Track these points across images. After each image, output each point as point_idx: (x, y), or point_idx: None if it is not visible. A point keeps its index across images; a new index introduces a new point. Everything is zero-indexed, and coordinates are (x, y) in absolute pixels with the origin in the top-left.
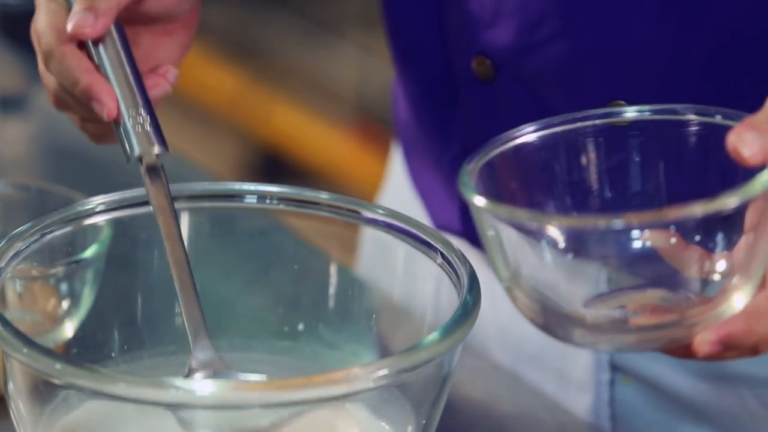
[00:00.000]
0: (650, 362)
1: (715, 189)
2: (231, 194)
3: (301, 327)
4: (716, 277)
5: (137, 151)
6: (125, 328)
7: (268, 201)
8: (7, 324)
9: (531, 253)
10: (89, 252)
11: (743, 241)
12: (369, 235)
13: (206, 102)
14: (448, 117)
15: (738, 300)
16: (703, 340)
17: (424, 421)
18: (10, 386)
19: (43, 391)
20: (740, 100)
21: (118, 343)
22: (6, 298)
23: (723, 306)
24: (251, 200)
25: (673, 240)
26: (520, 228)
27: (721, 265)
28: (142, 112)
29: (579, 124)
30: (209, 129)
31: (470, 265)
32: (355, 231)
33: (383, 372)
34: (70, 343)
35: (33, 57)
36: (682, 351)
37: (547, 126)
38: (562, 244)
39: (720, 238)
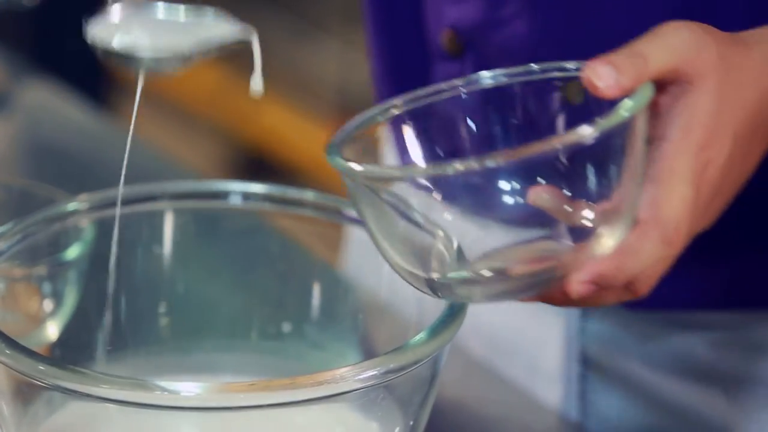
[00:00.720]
0: (622, 357)
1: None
2: (215, 193)
3: (286, 327)
4: (589, 221)
5: None
6: (109, 328)
7: (252, 200)
8: None
9: (407, 214)
10: (72, 252)
11: (611, 181)
12: (354, 234)
13: (187, 99)
14: None
15: (609, 241)
16: (575, 281)
17: (411, 422)
18: None
19: (27, 392)
20: None
21: (102, 343)
22: None
23: (595, 248)
24: (236, 199)
25: (545, 196)
26: (409, 183)
27: (592, 209)
28: None
29: (445, 95)
30: (191, 126)
31: None
32: (341, 230)
33: (370, 373)
34: (53, 344)
35: (15, 55)
36: (560, 298)
37: (413, 99)
38: (437, 197)
39: (590, 182)
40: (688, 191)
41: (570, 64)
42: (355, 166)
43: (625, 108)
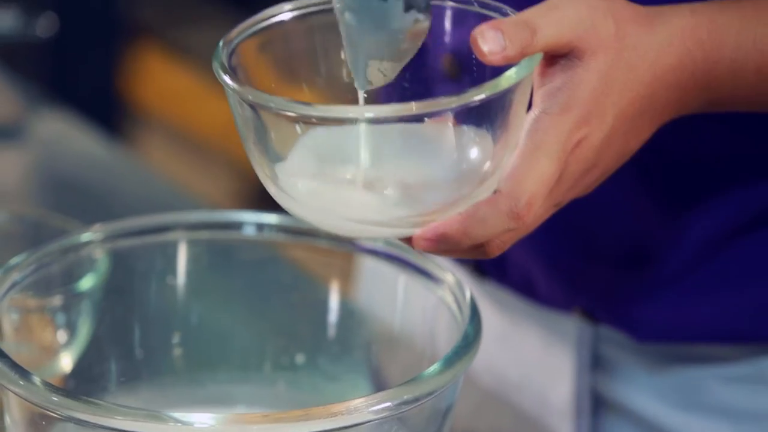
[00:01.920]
0: (633, 391)
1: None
2: (229, 224)
3: (299, 358)
4: (461, 174)
5: None
6: (123, 359)
7: (266, 231)
8: (4, 356)
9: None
10: (86, 283)
11: (490, 144)
12: (368, 266)
13: (202, 130)
14: None
15: (470, 201)
16: (421, 237)
17: None
18: (7, 419)
19: (41, 423)
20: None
21: (116, 374)
22: (2, 329)
23: (462, 203)
24: (250, 230)
25: (425, 140)
26: (276, 114)
27: (466, 161)
28: None
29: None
30: (206, 158)
31: (471, 295)
32: (354, 261)
33: (384, 405)
34: (67, 375)
35: (29, 86)
36: (405, 240)
37: (305, 5)
38: (317, 131)
39: (471, 136)
40: (549, 167)
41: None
42: (230, 82)
43: (508, 76)
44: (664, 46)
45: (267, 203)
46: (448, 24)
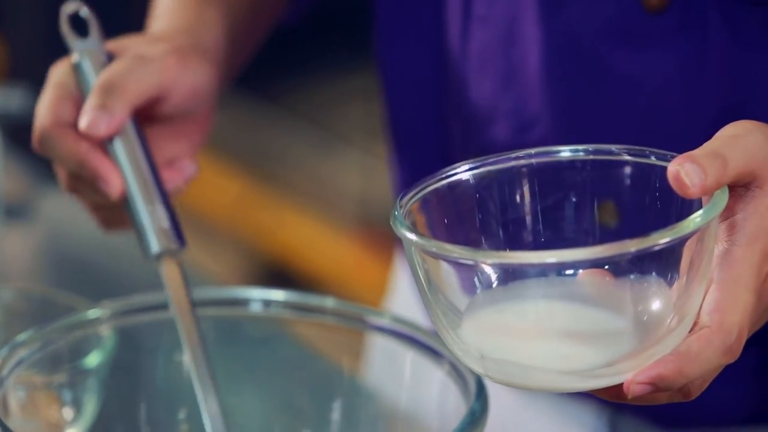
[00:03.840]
0: None
1: (649, 229)
2: (236, 300)
3: None
4: (648, 318)
5: (155, 248)
6: None
7: (273, 307)
8: None
9: (464, 291)
10: (93, 360)
11: (677, 283)
12: (375, 342)
13: (209, 209)
14: None
15: (670, 342)
16: (634, 381)
17: None
18: None
19: None
20: None
21: None
22: (8, 406)
23: (655, 347)
24: (256, 306)
25: (600, 276)
26: (454, 264)
27: (655, 306)
28: (159, 208)
29: (513, 163)
30: (212, 237)
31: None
32: (361, 338)
33: None
34: None
35: (37, 165)
36: (613, 393)
37: (482, 164)
38: (494, 282)
39: (655, 279)
40: (751, 300)
41: (645, 150)
42: (409, 235)
43: (698, 216)
44: None
45: (274, 280)
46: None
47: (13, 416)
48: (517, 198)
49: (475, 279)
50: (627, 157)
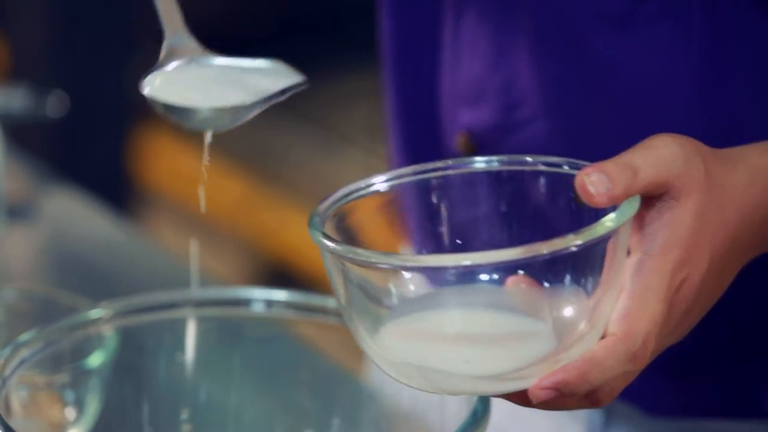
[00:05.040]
0: None
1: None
2: (238, 300)
3: None
4: (562, 324)
5: None
6: None
7: (275, 307)
8: None
9: (379, 298)
10: (95, 360)
11: (589, 291)
12: None
13: (211, 209)
14: None
15: (580, 349)
16: (538, 386)
17: None
18: None
19: None
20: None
21: None
22: (11, 406)
23: (565, 353)
24: (258, 307)
25: (523, 285)
26: (370, 270)
27: (567, 313)
28: None
29: (430, 174)
30: (214, 237)
31: None
32: None
33: None
34: None
35: (40, 165)
36: (519, 397)
37: (397, 176)
38: (411, 288)
39: (568, 285)
40: (660, 309)
41: (559, 160)
42: (326, 241)
43: (610, 219)
44: (747, 185)
45: (276, 281)
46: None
47: (16, 416)
48: (434, 209)
49: (391, 285)
50: (541, 167)
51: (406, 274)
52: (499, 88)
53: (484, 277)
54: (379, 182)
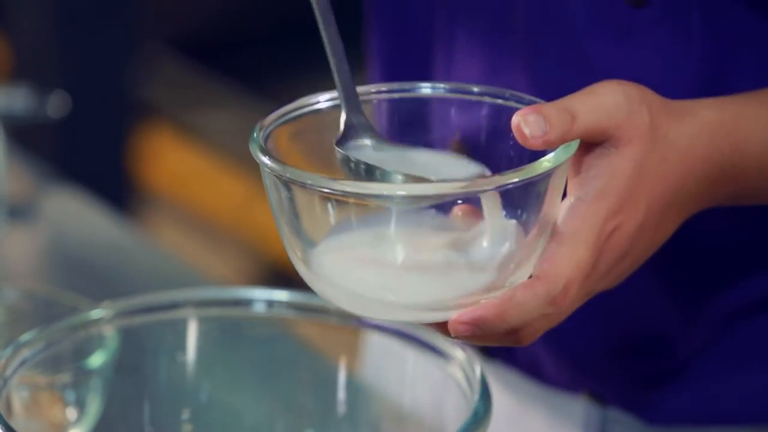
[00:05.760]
0: None
1: (502, 168)
2: (238, 301)
3: None
4: (489, 261)
5: None
6: None
7: (276, 308)
8: None
9: (317, 221)
10: (96, 360)
11: (520, 231)
12: (376, 342)
13: (212, 210)
14: None
15: (506, 287)
16: (458, 320)
17: None
18: None
19: None
20: None
21: None
22: (12, 406)
23: (491, 293)
24: (259, 307)
25: (463, 216)
26: (309, 192)
27: (496, 249)
28: None
29: (374, 97)
30: (216, 237)
31: (481, 371)
32: (363, 338)
33: None
34: None
35: (41, 165)
36: (443, 329)
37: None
38: (349, 213)
39: (503, 224)
40: (585, 255)
41: (504, 92)
42: (265, 159)
43: (548, 160)
44: (693, 138)
45: (277, 280)
46: (456, 112)
47: (17, 416)
48: (382, 130)
49: (330, 208)
50: (486, 98)
51: (344, 199)
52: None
53: (423, 206)
54: (324, 100)
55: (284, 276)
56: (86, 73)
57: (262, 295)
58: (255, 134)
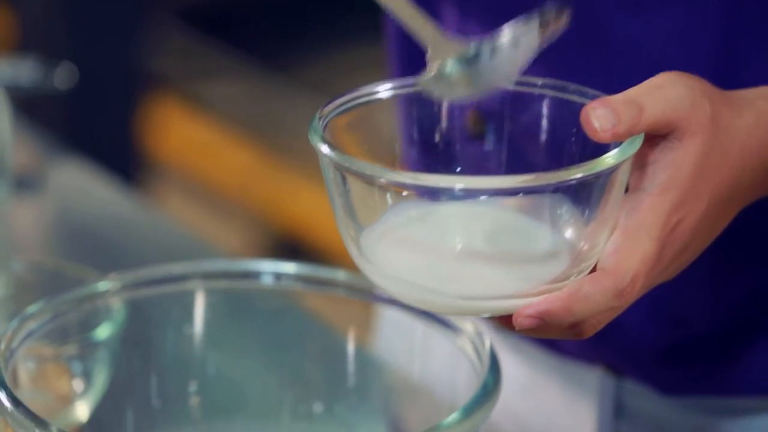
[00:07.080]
0: None
1: (565, 163)
2: (247, 273)
3: (317, 407)
4: (555, 254)
5: None
6: (139, 409)
7: (284, 280)
8: (20, 404)
9: (375, 209)
10: (103, 332)
11: (583, 224)
12: (386, 315)
13: (220, 181)
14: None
15: (570, 281)
16: (522, 314)
17: None
18: None
19: None
20: None
21: (132, 424)
22: (18, 378)
23: (555, 285)
24: (267, 279)
25: (523, 211)
26: (367, 182)
27: (561, 244)
28: None
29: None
30: (223, 209)
31: (491, 344)
32: (372, 310)
33: None
34: (83, 424)
35: (48, 136)
36: (504, 322)
37: (404, 85)
38: (406, 203)
39: (566, 218)
40: (651, 248)
41: (569, 86)
42: (324, 148)
43: (612, 156)
44: (751, 129)
45: (285, 253)
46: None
47: (23, 388)
48: (441, 123)
49: (388, 197)
50: (548, 92)
51: (402, 189)
52: None
53: (483, 198)
54: (384, 90)
55: (292, 247)
56: (93, 45)
57: (270, 267)
58: (314, 123)
